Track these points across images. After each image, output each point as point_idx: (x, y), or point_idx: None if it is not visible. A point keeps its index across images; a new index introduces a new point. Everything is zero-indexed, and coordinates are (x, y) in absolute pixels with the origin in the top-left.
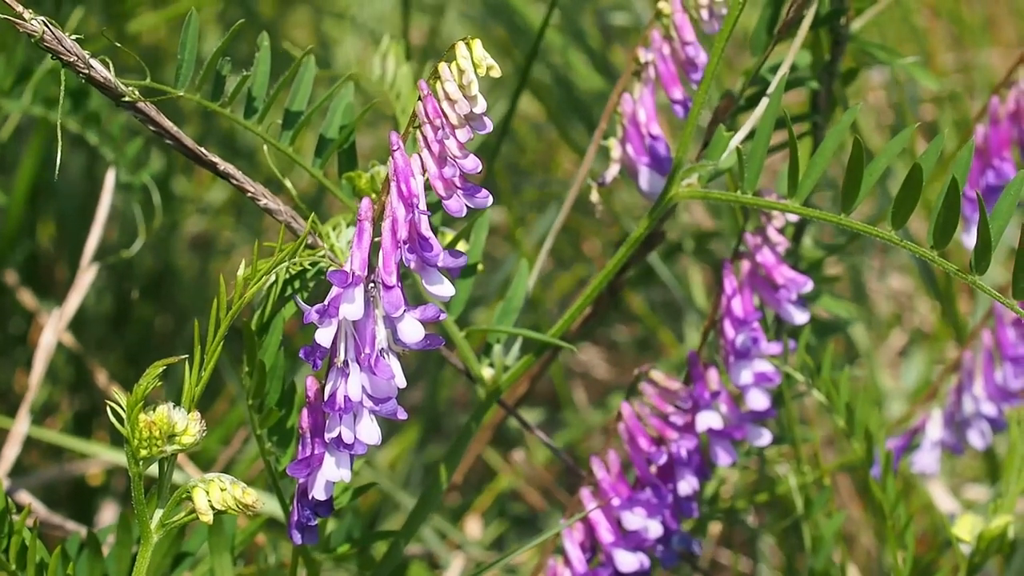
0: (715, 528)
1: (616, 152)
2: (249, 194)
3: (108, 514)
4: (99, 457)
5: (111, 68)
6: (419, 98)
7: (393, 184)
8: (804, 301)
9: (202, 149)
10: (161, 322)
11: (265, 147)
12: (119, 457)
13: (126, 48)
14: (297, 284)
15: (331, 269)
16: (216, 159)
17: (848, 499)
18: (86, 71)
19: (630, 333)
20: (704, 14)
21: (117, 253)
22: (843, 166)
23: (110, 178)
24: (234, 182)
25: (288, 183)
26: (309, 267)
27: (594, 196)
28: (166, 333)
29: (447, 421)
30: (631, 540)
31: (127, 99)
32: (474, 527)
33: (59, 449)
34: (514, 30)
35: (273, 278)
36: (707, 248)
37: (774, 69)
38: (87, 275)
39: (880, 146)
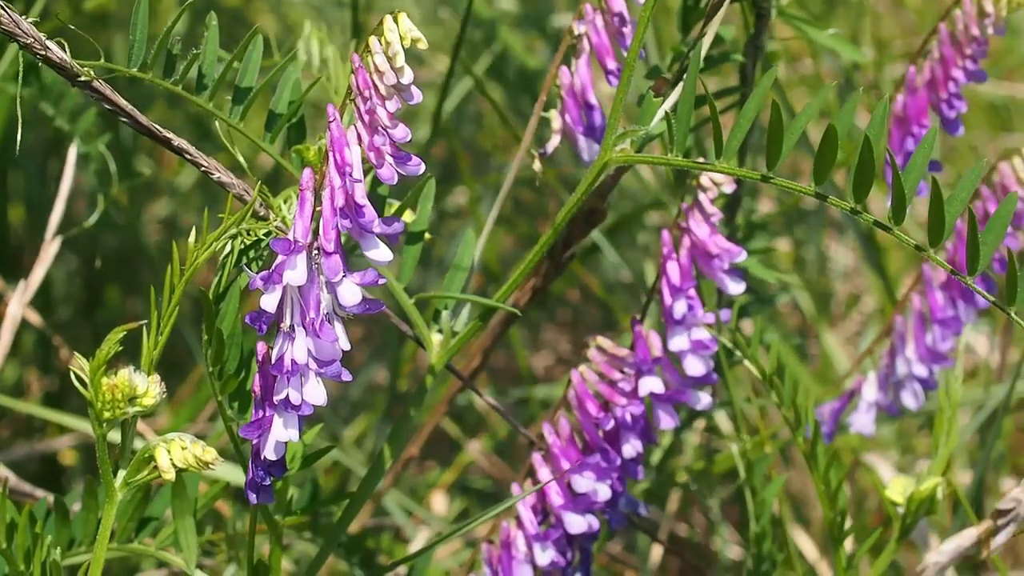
0: (673, 503)
1: (556, 123)
2: (203, 168)
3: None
4: (69, 432)
5: (67, 49)
6: (351, 71)
7: (330, 154)
8: (738, 271)
9: (156, 126)
10: (130, 304)
11: (216, 123)
12: (88, 428)
13: (81, 31)
14: (252, 255)
15: (274, 237)
16: (170, 135)
17: (804, 470)
18: (43, 52)
19: (592, 312)
20: None
21: (84, 233)
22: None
23: (72, 152)
24: (188, 157)
25: (238, 153)
26: (263, 237)
27: (536, 166)
28: (135, 314)
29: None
30: (580, 503)
31: (82, 79)
32: (439, 502)
33: (30, 428)
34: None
35: (229, 248)
36: (644, 224)
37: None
38: (51, 247)
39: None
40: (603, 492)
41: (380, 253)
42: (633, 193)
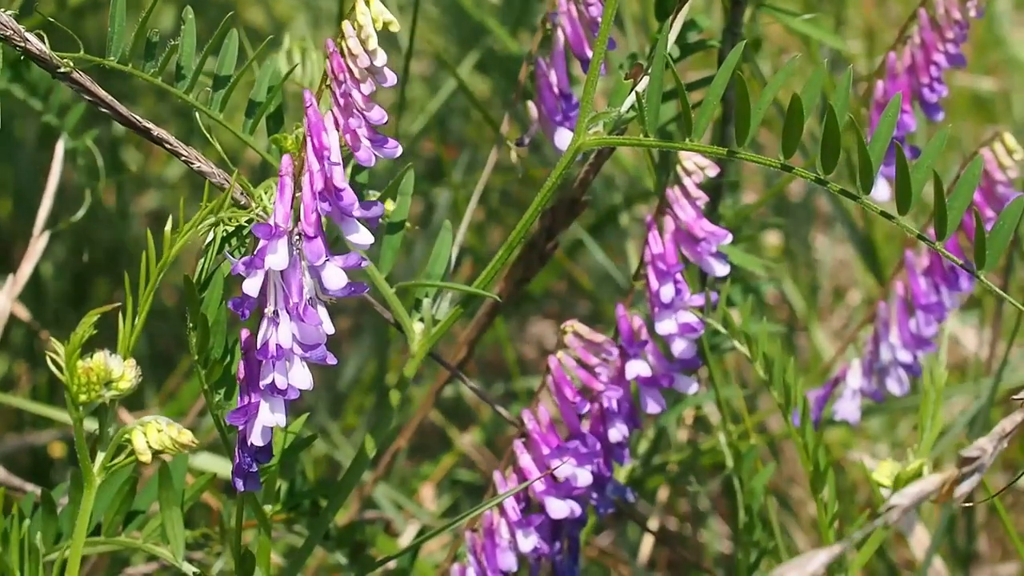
0: (662, 496)
1: (533, 113)
2: (183, 158)
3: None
4: (57, 426)
5: (46, 41)
6: (326, 56)
7: (308, 139)
8: (724, 255)
9: (136, 116)
10: (118, 297)
11: (197, 114)
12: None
13: (66, 25)
14: (235, 242)
15: (256, 223)
16: (150, 125)
17: (793, 464)
18: (22, 44)
19: (581, 305)
20: None
21: (73, 227)
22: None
23: (60, 147)
24: (168, 147)
25: (216, 142)
26: (246, 224)
27: (513, 156)
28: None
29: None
30: (562, 488)
31: (62, 70)
32: (429, 496)
33: (20, 422)
34: (455, 16)
35: (211, 235)
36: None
37: (682, 32)
38: (39, 242)
39: (814, 124)
40: (583, 477)
41: (361, 237)
42: (620, 184)
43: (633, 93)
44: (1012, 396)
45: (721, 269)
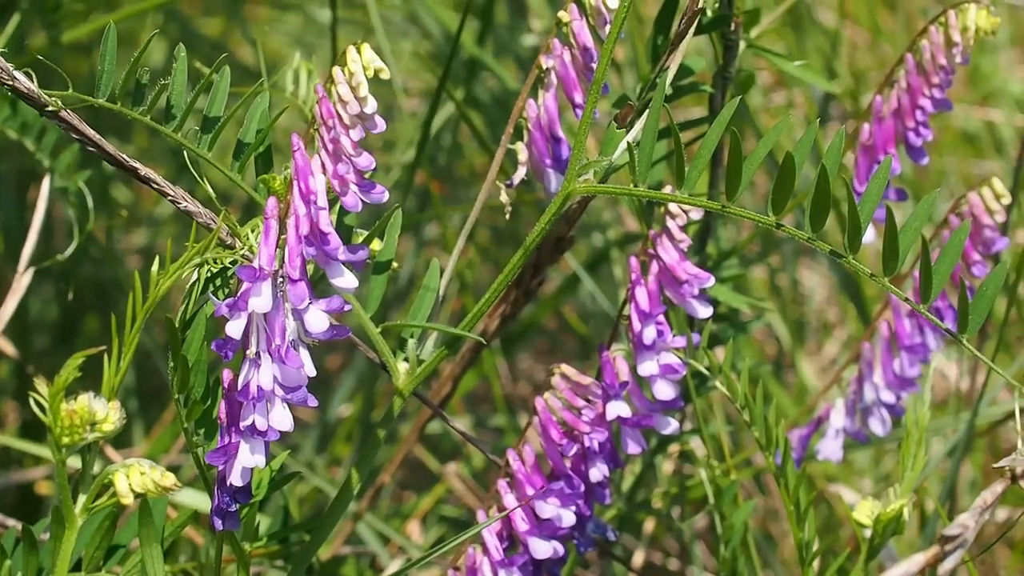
0: (648, 529)
1: (523, 155)
2: (170, 197)
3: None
4: (45, 463)
5: (34, 79)
6: (316, 101)
7: (295, 182)
8: (707, 296)
9: (123, 155)
10: (105, 334)
11: (186, 153)
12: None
13: (51, 62)
14: (219, 283)
15: (240, 265)
16: (137, 164)
17: (778, 498)
18: (10, 82)
19: (570, 342)
20: (601, 21)
21: (61, 263)
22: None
23: (46, 184)
24: (154, 186)
25: (205, 182)
26: (231, 266)
27: (503, 197)
28: (111, 345)
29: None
30: (545, 528)
31: (50, 108)
32: (415, 531)
33: (7, 460)
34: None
35: (196, 276)
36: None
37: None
38: (24, 278)
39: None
40: (567, 518)
41: (346, 281)
42: (608, 224)
43: (626, 142)
44: (993, 466)
45: (704, 311)
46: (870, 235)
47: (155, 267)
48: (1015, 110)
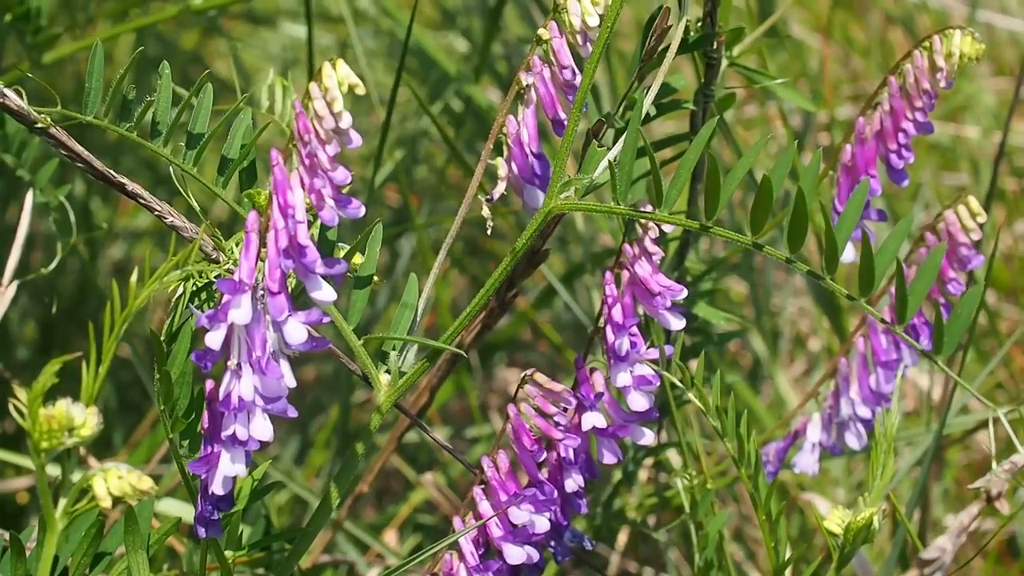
0: (623, 539)
1: (502, 171)
2: (156, 212)
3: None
4: (26, 473)
5: (24, 96)
6: (294, 117)
7: (274, 197)
8: (680, 309)
9: (111, 171)
10: (84, 345)
11: (171, 168)
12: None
13: (40, 79)
14: (204, 296)
15: (221, 278)
16: (124, 180)
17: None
18: (1, 99)
19: (545, 353)
20: (580, 39)
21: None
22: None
23: (29, 199)
24: (142, 202)
25: (191, 197)
26: (215, 279)
27: (485, 212)
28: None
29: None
30: (519, 534)
31: (39, 125)
32: (393, 539)
33: None
34: (423, 62)
35: (180, 290)
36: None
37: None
38: (7, 292)
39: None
40: (541, 524)
41: (324, 293)
42: (587, 236)
43: (607, 161)
44: (969, 486)
45: (676, 323)
46: (849, 254)
47: (134, 277)
48: (986, 123)
